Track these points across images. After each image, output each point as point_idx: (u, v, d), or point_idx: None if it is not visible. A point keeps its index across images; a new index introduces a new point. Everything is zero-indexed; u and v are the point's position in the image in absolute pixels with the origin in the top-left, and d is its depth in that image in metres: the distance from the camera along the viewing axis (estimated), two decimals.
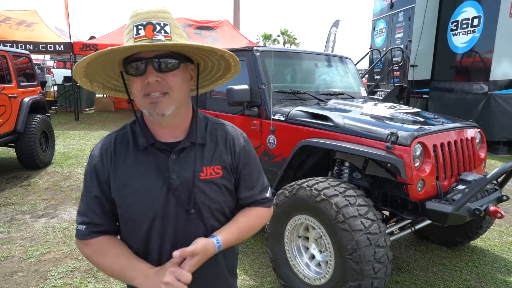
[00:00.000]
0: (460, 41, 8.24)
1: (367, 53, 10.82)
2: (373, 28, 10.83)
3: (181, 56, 1.01)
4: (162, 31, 0.94)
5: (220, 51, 1.02)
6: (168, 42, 0.94)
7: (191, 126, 1.08)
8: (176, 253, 0.95)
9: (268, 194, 1.20)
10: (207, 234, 1.06)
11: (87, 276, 2.87)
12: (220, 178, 1.07)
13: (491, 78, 7.49)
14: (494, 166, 6.43)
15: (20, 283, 2.76)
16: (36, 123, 5.67)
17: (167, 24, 0.95)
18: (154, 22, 0.94)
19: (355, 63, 4.38)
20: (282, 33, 35.85)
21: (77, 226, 1.07)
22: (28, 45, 10.11)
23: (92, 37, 13.21)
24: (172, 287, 0.92)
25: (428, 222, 2.71)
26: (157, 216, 1.03)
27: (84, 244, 1.06)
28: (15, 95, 5.41)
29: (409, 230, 2.74)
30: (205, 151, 1.07)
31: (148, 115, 1.00)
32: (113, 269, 1.02)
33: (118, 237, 1.12)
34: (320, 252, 2.51)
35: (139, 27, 0.93)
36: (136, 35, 0.93)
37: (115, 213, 1.08)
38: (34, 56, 13.62)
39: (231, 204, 1.14)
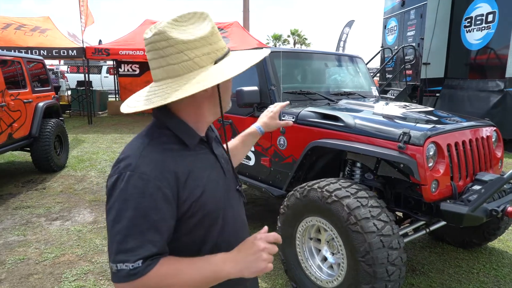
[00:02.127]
0: (474, 37, 8.07)
1: (379, 52, 10.69)
2: (384, 27, 10.71)
3: None
4: None
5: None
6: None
7: None
8: (266, 228, 1.02)
9: None
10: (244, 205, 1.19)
11: (100, 278, 2.90)
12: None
13: (507, 75, 7.30)
14: (511, 165, 6.27)
15: (35, 285, 2.81)
16: (50, 127, 5.77)
17: None
18: None
19: (366, 62, 4.33)
20: (292, 33, 35.77)
21: (130, 266, 0.84)
22: (42, 51, 10.29)
23: (100, 42, 13.41)
24: (269, 250, 0.94)
25: (443, 223, 2.66)
26: (225, 204, 1.06)
27: (145, 278, 0.86)
28: (30, 100, 5.52)
29: (423, 232, 2.69)
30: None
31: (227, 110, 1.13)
32: (194, 279, 0.90)
33: None
34: (332, 254, 2.48)
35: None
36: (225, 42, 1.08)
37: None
38: (48, 62, 13.91)
39: None
